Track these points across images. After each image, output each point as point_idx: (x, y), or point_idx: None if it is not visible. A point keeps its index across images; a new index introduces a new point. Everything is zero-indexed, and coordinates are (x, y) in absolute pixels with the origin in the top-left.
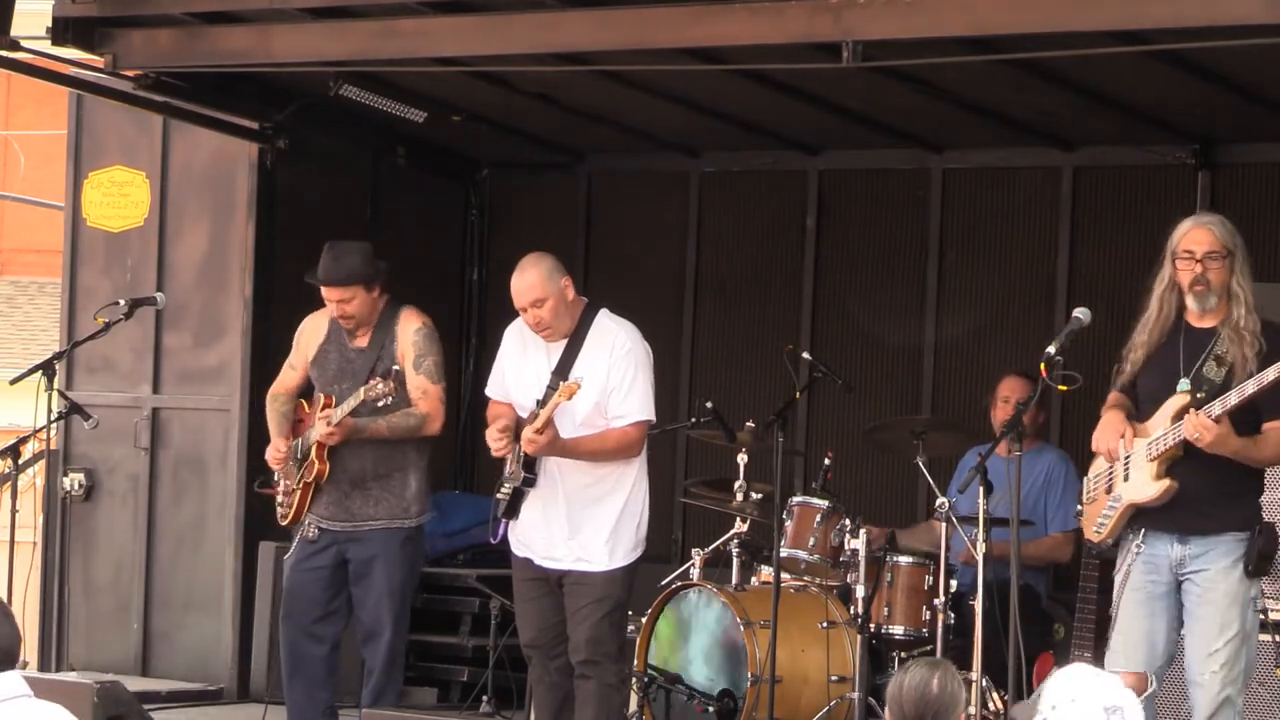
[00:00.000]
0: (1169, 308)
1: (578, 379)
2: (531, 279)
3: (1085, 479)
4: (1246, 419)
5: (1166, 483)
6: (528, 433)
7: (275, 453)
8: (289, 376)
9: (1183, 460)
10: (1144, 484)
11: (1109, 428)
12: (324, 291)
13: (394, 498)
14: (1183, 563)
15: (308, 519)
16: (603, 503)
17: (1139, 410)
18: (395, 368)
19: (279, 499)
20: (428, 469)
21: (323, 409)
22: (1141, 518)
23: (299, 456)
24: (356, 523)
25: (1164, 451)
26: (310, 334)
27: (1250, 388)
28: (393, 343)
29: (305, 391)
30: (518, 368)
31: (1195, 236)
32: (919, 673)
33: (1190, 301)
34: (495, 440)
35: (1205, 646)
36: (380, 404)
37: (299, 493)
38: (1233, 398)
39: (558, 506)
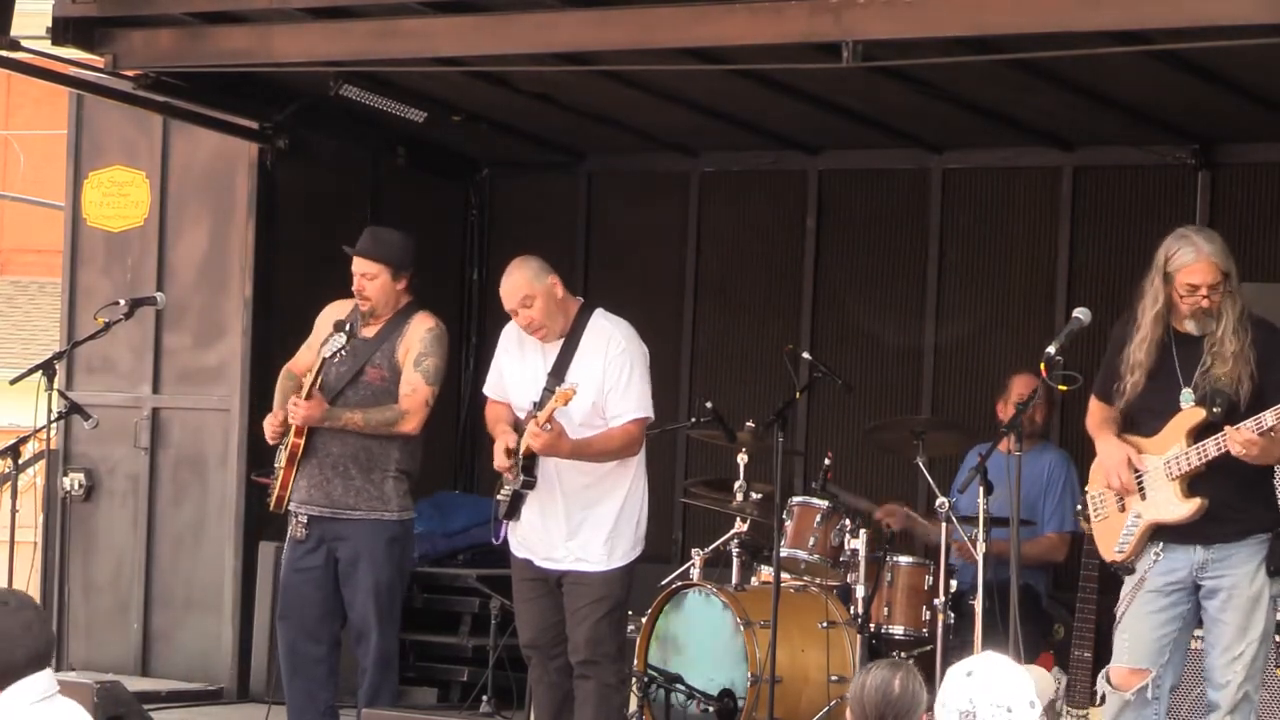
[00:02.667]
0: (1161, 326)
1: (573, 384)
2: (517, 280)
3: (1089, 495)
4: (1254, 413)
5: (1198, 502)
6: (532, 428)
7: (272, 419)
8: (304, 357)
9: (1203, 475)
10: (1170, 503)
11: (1115, 458)
12: (353, 263)
13: (374, 489)
14: (1205, 566)
15: (292, 510)
16: (601, 503)
17: (1136, 422)
18: (349, 324)
19: (270, 485)
20: (411, 476)
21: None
22: (1162, 531)
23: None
24: (336, 509)
25: (1188, 471)
26: (329, 318)
27: None
28: (399, 338)
29: None
30: (515, 368)
31: (1199, 271)
32: (880, 673)
33: (1190, 325)
34: (502, 464)
35: (1229, 652)
36: (334, 358)
37: (282, 472)
38: (1268, 418)
39: (556, 507)
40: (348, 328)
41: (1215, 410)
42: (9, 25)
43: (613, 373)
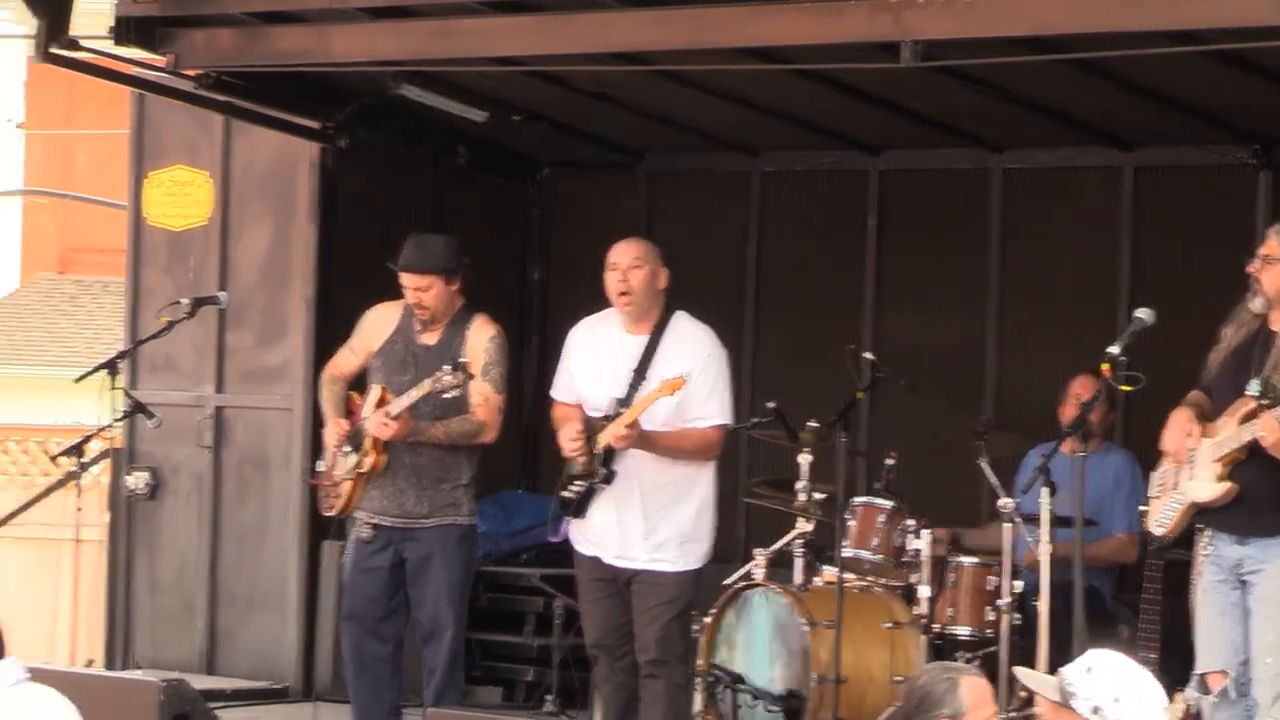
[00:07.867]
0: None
1: (683, 374)
2: (636, 244)
3: (1152, 474)
4: None
5: (1227, 485)
6: (617, 429)
7: (339, 429)
8: (347, 360)
9: (1245, 463)
10: (1207, 484)
11: (1176, 427)
12: (402, 279)
13: (446, 498)
14: (1241, 564)
15: (359, 515)
16: (679, 504)
17: (1216, 408)
18: (463, 359)
19: (325, 488)
20: (476, 482)
21: (379, 402)
22: (1205, 517)
23: (352, 446)
24: (410, 520)
25: (1228, 454)
26: (378, 323)
27: None
28: (462, 345)
29: (358, 380)
30: (588, 366)
31: (1267, 240)
32: (933, 667)
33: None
34: (571, 442)
35: (1264, 646)
36: (446, 395)
37: (350, 483)
38: None
39: (633, 506)
40: (463, 365)
41: (1263, 401)
42: (67, 25)
43: (699, 376)
